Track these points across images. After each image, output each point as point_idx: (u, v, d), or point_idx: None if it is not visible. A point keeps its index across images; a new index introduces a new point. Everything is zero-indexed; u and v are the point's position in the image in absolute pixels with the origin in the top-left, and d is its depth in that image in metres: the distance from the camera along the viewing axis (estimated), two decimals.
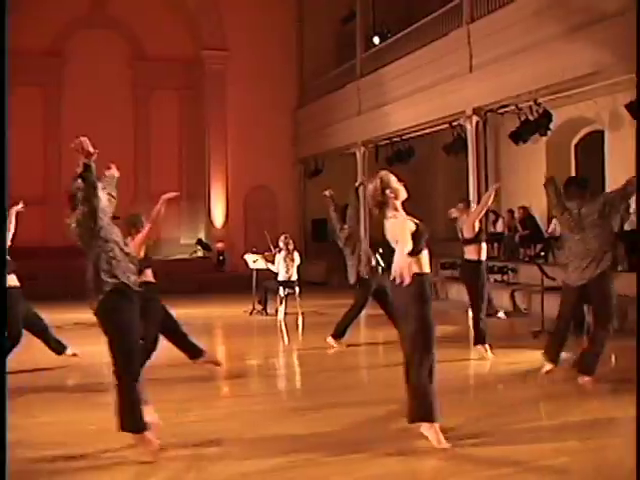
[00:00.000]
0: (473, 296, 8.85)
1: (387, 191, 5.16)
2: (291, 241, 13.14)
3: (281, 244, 13.08)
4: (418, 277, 5.09)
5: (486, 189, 14.30)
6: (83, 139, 4.95)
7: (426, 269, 5.20)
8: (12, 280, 8.15)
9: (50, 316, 9.31)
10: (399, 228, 5.08)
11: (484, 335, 8.76)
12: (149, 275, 7.53)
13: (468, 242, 8.91)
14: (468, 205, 9.42)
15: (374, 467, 4.88)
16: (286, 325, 12.21)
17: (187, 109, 23.65)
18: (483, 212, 8.93)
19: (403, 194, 5.24)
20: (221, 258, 21.77)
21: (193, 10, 22.66)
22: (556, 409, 6.29)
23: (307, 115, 22.54)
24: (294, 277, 13.10)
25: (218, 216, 22.55)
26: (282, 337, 11.22)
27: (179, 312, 14.74)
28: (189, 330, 8.30)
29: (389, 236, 5.25)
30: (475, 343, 8.84)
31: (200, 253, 22.32)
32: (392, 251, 5.16)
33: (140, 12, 22.26)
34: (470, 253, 8.89)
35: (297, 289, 13.07)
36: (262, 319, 13.28)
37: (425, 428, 5.16)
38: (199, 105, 23.04)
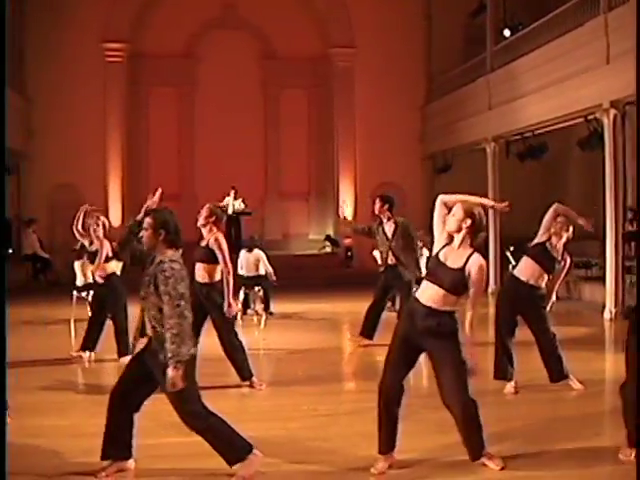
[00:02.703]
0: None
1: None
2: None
3: None
4: None
5: (624, 186, 13.74)
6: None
7: None
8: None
9: None
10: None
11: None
12: None
13: None
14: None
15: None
16: None
17: (316, 107, 23.85)
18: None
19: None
20: (349, 254, 21.85)
21: (321, 8, 22.82)
22: None
23: (435, 111, 22.29)
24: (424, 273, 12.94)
25: (346, 212, 22.65)
26: None
27: (307, 307, 14.92)
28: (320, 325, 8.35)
29: None
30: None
31: (328, 249, 22.49)
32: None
33: (270, 12, 22.59)
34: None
35: None
36: (391, 315, 13.20)
37: None
38: (328, 103, 23.18)
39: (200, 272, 7.45)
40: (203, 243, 7.46)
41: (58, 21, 20.83)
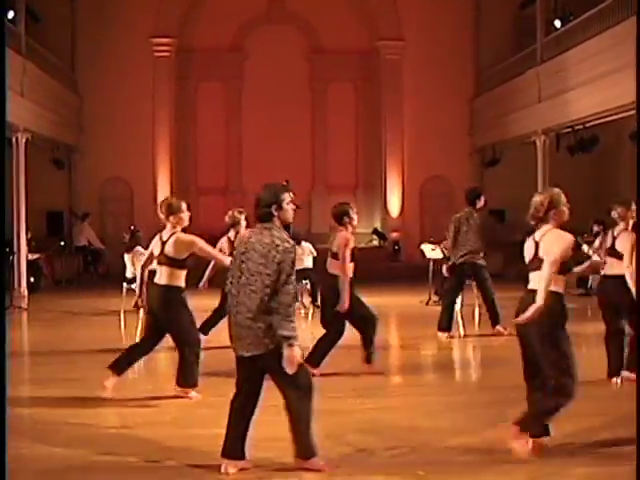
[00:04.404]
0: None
1: (551, 212, 5.02)
2: None
3: None
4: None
5: None
6: None
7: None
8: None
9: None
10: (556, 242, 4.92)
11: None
12: None
13: None
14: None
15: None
16: (462, 316, 11.94)
17: (363, 100, 23.78)
18: None
19: (565, 217, 5.09)
20: (397, 248, 21.81)
21: (369, 1, 22.72)
22: None
23: (484, 104, 22.07)
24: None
25: (394, 206, 22.57)
26: (458, 328, 11.06)
27: None
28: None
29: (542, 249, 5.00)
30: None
31: (376, 242, 22.45)
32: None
33: (316, 5, 22.55)
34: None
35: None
36: (438, 309, 13.12)
37: None
38: (375, 96, 23.10)
39: None
40: None
41: (107, 18, 21.10)
